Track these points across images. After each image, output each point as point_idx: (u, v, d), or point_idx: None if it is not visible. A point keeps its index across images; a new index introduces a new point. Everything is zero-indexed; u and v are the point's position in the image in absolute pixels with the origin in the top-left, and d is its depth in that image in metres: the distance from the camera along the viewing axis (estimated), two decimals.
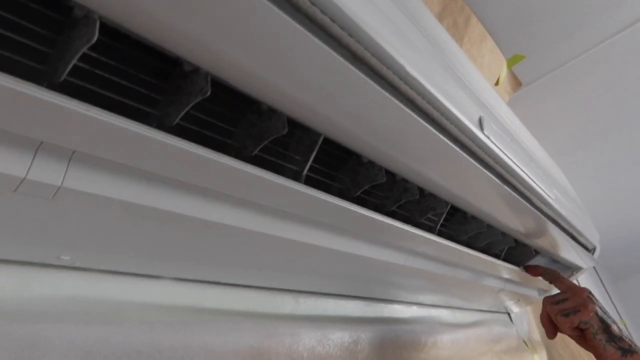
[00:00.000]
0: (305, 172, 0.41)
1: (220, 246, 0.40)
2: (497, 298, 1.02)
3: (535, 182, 0.58)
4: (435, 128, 0.41)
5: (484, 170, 0.49)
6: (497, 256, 0.81)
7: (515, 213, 0.62)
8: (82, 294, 0.34)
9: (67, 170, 0.28)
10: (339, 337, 0.54)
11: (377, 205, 0.52)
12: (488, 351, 0.93)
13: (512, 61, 1.18)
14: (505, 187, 0.54)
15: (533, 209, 0.61)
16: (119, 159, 0.28)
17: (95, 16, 0.24)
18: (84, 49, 0.24)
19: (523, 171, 0.54)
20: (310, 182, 0.42)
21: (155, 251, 0.38)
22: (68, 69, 0.25)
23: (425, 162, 0.46)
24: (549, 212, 0.67)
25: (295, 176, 0.41)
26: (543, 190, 0.61)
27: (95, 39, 0.23)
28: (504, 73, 1.18)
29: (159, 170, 0.31)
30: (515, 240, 0.78)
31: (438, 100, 0.39)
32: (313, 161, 0.41)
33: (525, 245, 0.82)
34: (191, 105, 0.30)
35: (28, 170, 0.27)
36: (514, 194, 0.56)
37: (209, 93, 0.30)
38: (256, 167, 0.35)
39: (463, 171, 0.49)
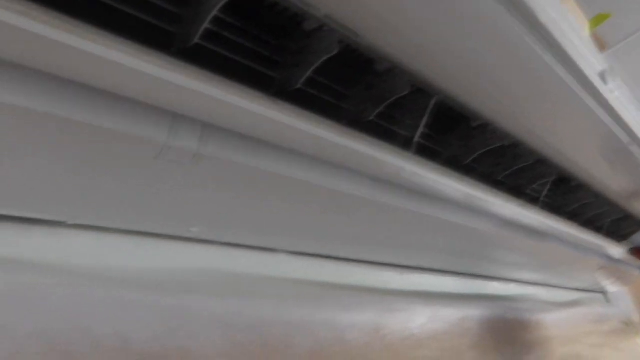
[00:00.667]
0: (416, 138, 0.39)
1: (344, 220, 0.39)
2: (595, 276, 0.95)
3: None
4: (561, 82, 0.38)
5: (607, 124, 0.45)
6: (600, 230, 0.75)
7: (632, 175, 0.57)
8: (215, 267, 0.34)
9: (200, 137, 0.28)
10: (448, 314, 0.52)
11: (485, 173, 0.49)
12: (594, 332, 0.88)
13: (596, 21, 1.10)
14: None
15: None
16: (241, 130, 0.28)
17: None
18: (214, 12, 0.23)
19: None
20: (420, 148, 0.40)
21: (285, 226, 0.37)
22: (199, 32, 0.24)
23: (548, 121, 0.43)
24: None
25: (405, 143, 0.39)
26: None
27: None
28: (586, 34, 1.10)
29: (283, 142, 0.30)
30: (623, 211, 0.72)
31: (565, 53, 0.36)
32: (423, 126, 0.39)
33: (631, 217, 0.76)
34: (315, 66, 0.29)
35: (167, 137, 0.26)
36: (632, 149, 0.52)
37: (336, 51, 0.28)
38: (368, 139, 0.33)
39: (584, 128, 0.45)
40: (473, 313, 0.56)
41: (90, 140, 0.24)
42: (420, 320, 0.49)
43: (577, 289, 0.99)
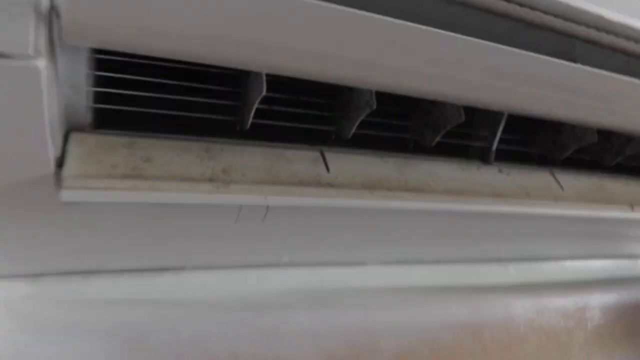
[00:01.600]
0: (494, 147, 0.39)
1: (420, 228, 0.41)
2: None
3: None
4: None
5: None
6: None
7: None
8: (304, 286, 0.40)
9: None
10: (561, 304, 0.50)
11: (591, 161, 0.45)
12: None
13: None
14: None
15: None
16: None
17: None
18: (258, 100, 0.27)
19: None
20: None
21: (360, 240, 0.41)
22: (250, 116, 0.29)
23: None
24: None
25: (483, 154, 0.39)
26: None
27: (264, 91, 0.26)
28: None
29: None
30: None
31: None
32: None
33: None
34: (361, 118, 0.31)
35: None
36: None
37: (374, 106, 0.30)
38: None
39: None
40: (597, 300, 0.53)
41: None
42: (526, 315, 0.49)
43: None
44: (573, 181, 0.43)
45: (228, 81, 0.30)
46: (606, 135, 0.43)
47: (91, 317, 0.34)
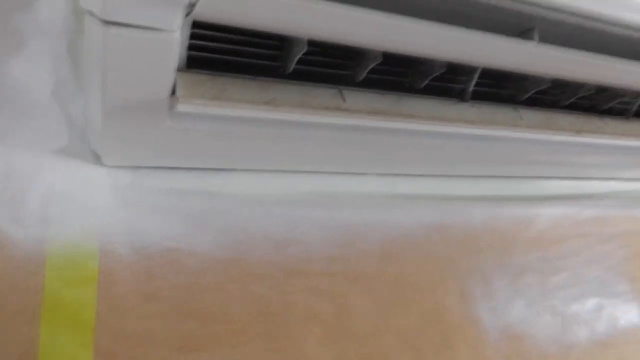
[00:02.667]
0: (470, 89, 0.51)
1: (408, 147, 0.55)
2: None
3: None
4: None
5: None
6: None
7: None
8: (318, 189, 0.55)
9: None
10: (512, 213, 0.66)
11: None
12: None
13: None
14: None
15: None
16: None
17: None
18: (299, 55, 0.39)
19: None
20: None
21: (363, 156, 0.55)
22: (293, 64, 0.41)
23: None
24: None
25: (462, 94, 0.52)
26: None
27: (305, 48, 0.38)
28: None
29: None
30: None
31: None
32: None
33: None
34: (370, 67, 0.44)
35: None
36: None
37: (380, 59, 0.42)
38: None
39: None
40: (545, 212, 0.69)
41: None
42: (481, 219, 0.64)
43: None
44: (532, 115, 0.56)
45: (277, 39, 0.42)
46: (562, 82, 0.55)
47: (171, 201, 0.49)
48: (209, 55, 0.40)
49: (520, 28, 0.43)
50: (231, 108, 0.38)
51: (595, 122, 0.57)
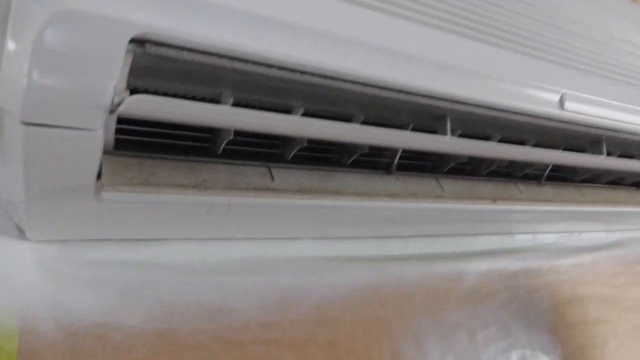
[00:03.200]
0: (395, 162, 0.54)
1: (339, 217, 0.57)
2: None
3: None
4: None
5: None
6: None
7: None
8: (252, 255, 0.56)
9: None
10: (442, 270, 0.69)
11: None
12: (623, 272, 0.97)
13: None
14: None
15: None
16: None
17: None
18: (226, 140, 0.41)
19: None
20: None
21: (296, 223, 0.57)
22: (222, 147, 0.43)
23: None
24: None
25: (388, 167, 0.55)
26: None
27: (231, 136, 0.40)
28: None
29: None
30: None
31: None
32: None
33: None
34: (296, 149, 0.46)
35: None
36: None
37: (305, 144, 0.45)
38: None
39: None
40: (472, 267, 0.73)
41: None
42: (413, 277, 0.67)
43: (625, 230, 1.05)
44: (453, 185, 0.60)
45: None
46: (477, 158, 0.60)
47: (100, 274, 0.48)
48: (138, 138, 0.42)
49: (436, 114, 0.46)
50: (158, 194, 0.39)
51: (511, 189, 0.62)
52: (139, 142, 0.42)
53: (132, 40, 0.29)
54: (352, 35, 0.38)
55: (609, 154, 0.62)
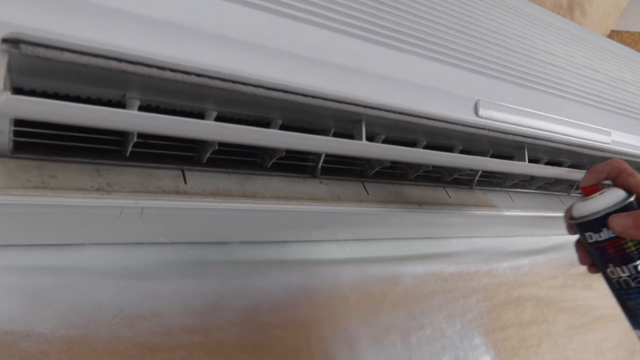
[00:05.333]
0: (319, 166, 0.54)
1: (262, 220, 0.57)
2: None
3: None
4: None
5: None
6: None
7: None
8: (175, 259, 0.55)
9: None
10: (378, 273, 0.70)
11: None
12: (560, 274, 0.99)
13: None
14: None
15: None
16: None
17: None
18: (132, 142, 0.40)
19: None
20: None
21: (220, 226, 0.56)
22: (129, 149, 0.42)
23: None
24: None
25: (313, 171, 0.55)
26: None
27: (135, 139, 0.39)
28: None
29: None
30: None
31: None
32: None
33: None
34: (210, 151, 0.45)
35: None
36: None
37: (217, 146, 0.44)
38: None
39: None
40: (407, 271, 0.73)
41: None
42: (349, 280, 0.67)
43: (562, 234, 1.08)
44: (379, 189, 0.60)
45: None
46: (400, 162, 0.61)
47: (6, 280, 0.47)
48: (39, 140, 0.40)
49: (353, 118, 0.47)
50: (56, 197, 0.38)
51: (440, 193, 0.63)
52: (43, 145, 0.41)
53: (5, 40, 0.28)
54: (259, 41, 0.37)
55: (534, 160, 0.64)
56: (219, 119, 0.44)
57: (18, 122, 0.38)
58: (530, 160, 0.60)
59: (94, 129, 0.42)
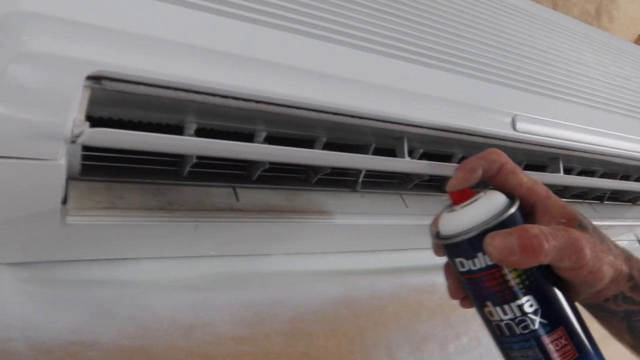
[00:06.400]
0: (360, 180, 0.57)
1: (307, 233, 0.59)
2: None
3: None
4: None
5: None
6: None
7: None
8: (224, 271, 0.58)
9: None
10: (415, 282, 0.71)
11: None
12: None
13: None
14: None
15: None
16: None
17: None
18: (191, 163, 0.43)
19: None
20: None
21: (266, 239, 0.59)
22: (187, 169, 0.44)
23: None
24: None
25: (353, 185, 0.57)
26: None
27: (194, 160, 0.42)
28: None
29: None
30: None
31: None
32: None
33: None
34: (260, 170, 0.48)
35: None
36: None
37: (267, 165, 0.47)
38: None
39: None
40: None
41: None
42: (386, 289, 0.69)
43: None
44: (417, 201, 0.62)
45: None
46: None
47: (72, 293, 0.50)
48: (106, 163, 0.43)
49: (396, 135, 0.49)
50: (125, 217, 0.41)
51: None
52: (107, 168, 0.44)
53: (89, 77, 0.31)
54: (308, 66, 0.40)
55: (568, 170, 0.64)
56: (267, 138, 0.47)
57: (87, 147, 0.41)
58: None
59: (155, 152, 0.45)
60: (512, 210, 0.33)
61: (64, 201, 0.40)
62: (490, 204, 0.34)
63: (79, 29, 0.30)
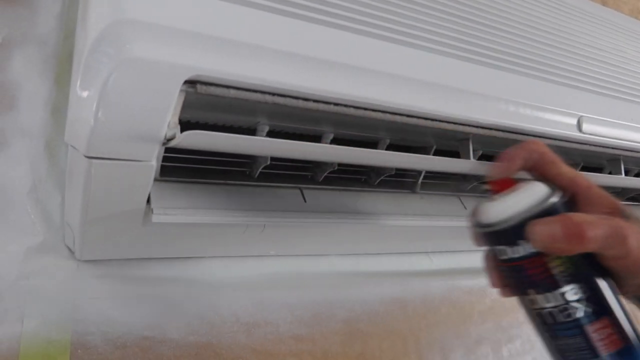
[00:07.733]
0: (419, 182, 0.57)
1: (367, 234, 0.60)
2: None
3: None
4: None
5: None
6: None
7: None
8: (284, 271, 0.59)
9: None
10: (467, 285, 0.71)
11: None
12: None
13: None
14: None
15: None
16: None
17: None
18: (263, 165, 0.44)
19: None
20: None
21: (325, 240, 0.60)
22: (258, 171, 0.46)
23: None
24: None
25: (413, 187, 0.57)
26: None
27: (268, 162, 0.43)
28: None
29: None
30: None
31: None
32: None
33: None
34: (328, 171, 0.49)
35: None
36: None
37: (336, 167, 0.48)
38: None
39: None
40: None
41: None
42: (439, 291, 0.69)
43: None
44: (475, 202, 0.62)
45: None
46: None
47: (144, 290, 0.52)
48: (182, 165, 0.45)
49: (460, 137, 0.49)
50: (203, 216, 0.42)
51: None
52: (181, 168, 0.46)
53: (186, 81, 0.33)
54: (379, 68, 0.41)
55: (627, 172, 0.63)
56: (334, 140, 0.48)
57: (168, 150, 0.43)
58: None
59: (229, 154, 0.46)
60: (555, 199, 0.33)
61: (148, 200, 0.42)
62: (532, 193, 0.34)
63: (178, 35, 0.31)
